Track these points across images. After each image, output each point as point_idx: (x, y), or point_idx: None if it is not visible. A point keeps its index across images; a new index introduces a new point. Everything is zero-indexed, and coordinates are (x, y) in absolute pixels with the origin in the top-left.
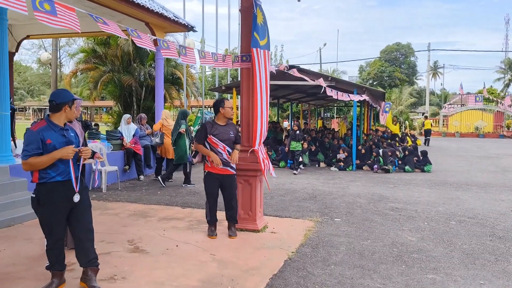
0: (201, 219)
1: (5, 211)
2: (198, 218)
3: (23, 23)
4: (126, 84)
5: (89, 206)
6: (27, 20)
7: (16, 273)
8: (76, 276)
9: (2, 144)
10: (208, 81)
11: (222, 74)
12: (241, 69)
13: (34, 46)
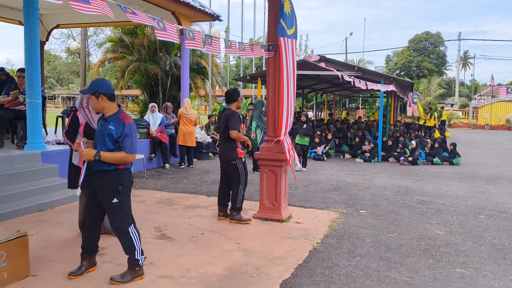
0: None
1: (37, 196)
2: None
3: (53, 13)
4: (152, 73)
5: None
6: (57, 9)
7: (48, 256)
8: (106, 260)
9: (35, 131)
10: (233, 71)
11: (247, 63)
12: (268, 59)
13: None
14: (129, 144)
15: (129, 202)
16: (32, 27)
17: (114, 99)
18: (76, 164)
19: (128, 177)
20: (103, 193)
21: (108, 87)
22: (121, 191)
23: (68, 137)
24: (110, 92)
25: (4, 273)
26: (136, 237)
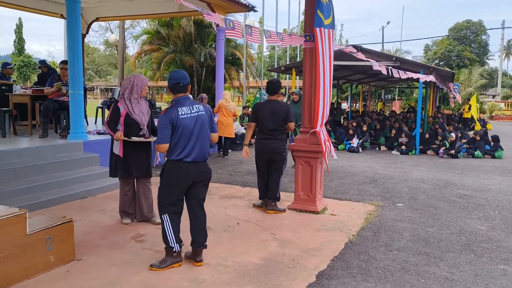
0: None
1: (80, 183)
2: (258, 198)
3: (93, 6)
4: (187, 64)
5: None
6: (97, 2)
7: (92, 241)
8: (146, 247)
9: (77, 121)
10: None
11: (280, 54)
12: (304, 49)
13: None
14: (157, 134)
15: (166, 192)
16: (74, 20)
17: (174, 91)
18: (117, 153)
19: (170, 168)
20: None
21: (168, 80)
22: (161, 178)
23: (110, 127)
24: (169, 84)
25: (51, 257)
26: (167, 225)
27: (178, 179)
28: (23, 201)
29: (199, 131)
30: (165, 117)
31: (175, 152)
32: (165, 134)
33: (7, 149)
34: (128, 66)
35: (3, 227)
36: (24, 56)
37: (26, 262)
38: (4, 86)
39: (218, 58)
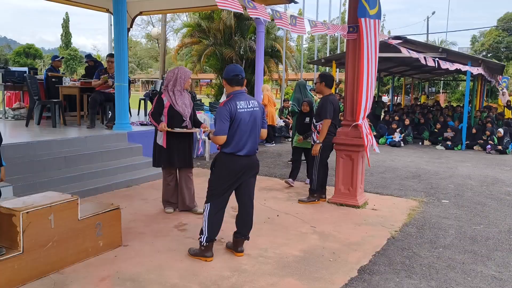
0: (300, 191)
1: (124, 173)
2: (297, 190)
3: (136, 0)
4: (227, 57)
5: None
6: None
7: (137, 228)
8: (189, 236)
9: (122, 113)
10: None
11: (319, 46)
12: (347, 41)
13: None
14: (215, 126)
15: (217, 184)
16: (120, 14)
17: (232, 83)
18: (160, 144)
19: (223, 161)
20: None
21: (226, 72)
22: (213, 169)
23: (154, 118)
24: (226, 76)
25: (100, 242)
26: (206, 214)
27: (230, 171)
28: (72, 188)
29: (253, 126)
30: (225, 110)
31: (230, 145)
32: (224, 126)
33: (58, 138)
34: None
35: (57, 212)
36: (70, 49)
37: (78, 246)
38: (54, 78)
39: (258, 51)
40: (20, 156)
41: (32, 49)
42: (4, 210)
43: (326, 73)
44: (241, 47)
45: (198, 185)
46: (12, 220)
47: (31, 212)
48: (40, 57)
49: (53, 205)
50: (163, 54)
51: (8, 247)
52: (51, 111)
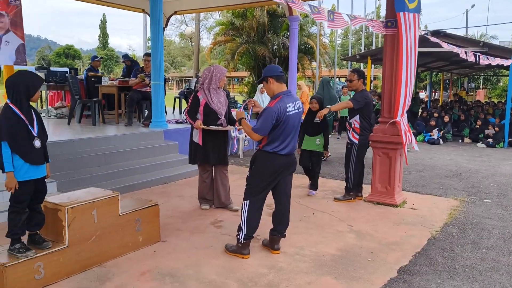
0: (335, 189)
1: (161, 170)
2: (333, 189)
3: (172, 0)
4: (260, 54)
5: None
6: None
7: (174, 224)
8: (225, 233)
9: (158, 111)
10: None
11: (353, 42)
12: (385, 36)
13: (176, 21)
14: (257, 123)
15: (256, 182)
16: (156, 15)
17: (280, 79)
18: (196, 141)
19: (264, 159)
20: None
21: (272, 70)
22: (252, 168)
23: (190, 116)
24: (275, 73)
25: (140, 237)
26: (245, 211)
27: (270, 169)
28: (112, 185)
29: (296, 127)
30: (273, 112)
31: (273, 145)
32: (267, 126)
33: (98, 136)
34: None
35: (100, 207)
36: (107, 49)
37: (119, 240)
38: (94, 78)
39: (291, 48)
40: (63, 153)
41: (71, 50)
42: (50, 205)
43: (360, 70)
44: (274, 44)
45: (232, 182)
46: (58, 214)
47: (76, 207)
48: (79, 58)
49: (95, 200)
50: (197, 52)
51: (54, 241)
52: (91, 109)
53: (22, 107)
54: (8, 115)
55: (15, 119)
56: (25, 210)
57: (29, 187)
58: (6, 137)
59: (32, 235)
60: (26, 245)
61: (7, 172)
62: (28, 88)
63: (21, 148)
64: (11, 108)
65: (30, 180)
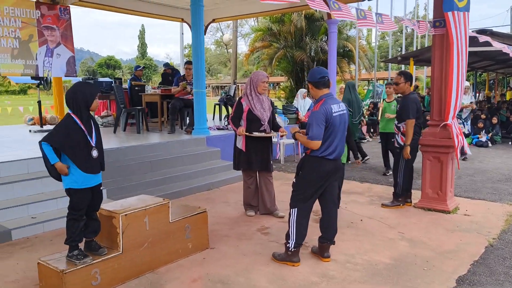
0: (382, 195)
1: (204, 176)
2: (379, 194)
3: (210, 8)
4: (298, 59)
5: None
6: (213, 4)
7: (221, 231)
8: (272, 240)
9: (200, 118)
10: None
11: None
12: (433, 36)
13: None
14: (309, 130)
15: (304, 188)
16: (197, 23)
17: (319, 86)
18: (239, 147)
19: (312, 165)
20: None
21: (312, 75)
22: (299, 174)
23: (233, 122)
24: (314, 79)
25: (189, 244)
26: (293, 220)
27: (319, 175)
28: (158, 191)
29: (343, 130)
30: (321, 114)
31: (321, 149)
32: (320, 130)
33: (144, 144)
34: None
35: (151, 214)
36: (146, 59)
37: (169, 247)
38: (137, 86)
39: (330, 51)
40: (111, 161)
41: (112, 60)
42: (105, 212)
43: (407, 71)
44: (312, 48)
45: (275, 188)
46: (112, 222)
47: (129, 214)
48: (119, 68)
49: (147, 208)
50: (234, 59)
51: (108, 247)
52: (136, 118)
53: (82, 117)
54: (67, 123)
55: (75, 128)
56: (82, 217)
57: (86, 195)
58: (55, 143)
59: (88, 242)
60: (83, 252)
61: (54, 164)
62: (86, 98)
63: (79, 158)
64: (72, 117)
65: (86, 188)
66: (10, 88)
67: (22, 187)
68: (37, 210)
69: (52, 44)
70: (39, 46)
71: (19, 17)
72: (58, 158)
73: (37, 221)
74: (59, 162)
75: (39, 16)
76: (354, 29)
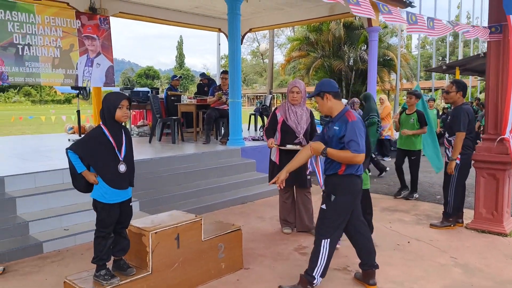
0: (429, 213)
1: (239, 189)
2: (426, 212)
3: (247, 18)
4: (336, 69)
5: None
6: (250, 14)
7: (256, 249)
8: None
9: (235, 128)
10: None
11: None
12: (488, 43)
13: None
14: (353, 144)
15: (339, 214)
16: (234, 32)
17: (338, 96)
18: (273, 160)
19: (346, 185)
20: (322, 195)
21: (331, 85)
22: (332, 199)
23: (266, 134)
24: (334, 90)
25: (222, 264)
26: (324, 252)
27: (354, 196)
28: (191, 204)
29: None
30: (362, 124)
31: (357, 165)
32: (363, 142)
33: (178, 154)
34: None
35: (183, 232)
36: (184, 69)
37: (201, 267)
38: (173, 96)
39: (370, 60)
40: (144, 172)
41: (151, 71)
42: (134, 229)
43: (461, 81)
44: (350, 57)
45: (313, 204)
46: (142, 240)
47: (159, 232)
48: (158, 78)
49: (179, 225)
50: (270, 69)
51: (137, 267)
52: (171, 128)
53: (111, 127)
54: (95, 134)
55: (102, 139)
56: (110, 235)
57: (114, 210)
58: (80, 152)
59: (117, 260)
60: (111, 272)
61: (82, 172)
62: (109, 108)
63: (105, 171)
64: (101, 128)
65: (114, 203)
66: (55, 97)
67: (56, 198)
68: (70, 221)
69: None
70: (79, 56)
71: (60, 26)
72: (86, 167)
73: (70, 233)
74: (86, 170)
75: (80, 25)
76: (395, 37)
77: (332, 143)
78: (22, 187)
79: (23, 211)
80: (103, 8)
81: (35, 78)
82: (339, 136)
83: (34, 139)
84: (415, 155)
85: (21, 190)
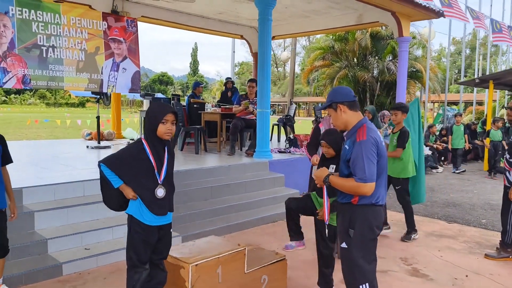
0: (479, 240)
1: (268, 205)
2: (475, 239)
3: None
4: (361, 79)
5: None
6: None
7: (297, 279)
8: None
9: (263, 140)
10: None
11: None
12: None
13: None
14: (359, 169)
15: (365, 254)
16: (265, 38)
17: (354, 107)
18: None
19: (367, 218)
20: (338, 229)
21: (345, 93)
22: (351, 234)
23: (308, 149)
24: (349, 99)
25: None
26: None
27: (375, 231)
28: (220, 222)
29: (386, 163)
30: (372, 144)
31: (374, 192)
32: (373, 168)
33: (204, 167)
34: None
35: (225, 264)
36: (198, 76)
37: None
38: (196, 104)
39: (399, 72)
40: None
41: (165, 77)
42: (171, 260)
43: None
44: (376, 68)
45: None
46: (180, 272)
47: (200, 264)
48: (171, 84)
49: (220, 256)
50: (292, 78)
51: None
52: (195, 137)
53: (152, 144)
54: (134, 149)
55: (141, 156)
56: (146, 266)
57: (152, 234)
58: (114, 168)
59: None
60: None
61: (119, 186)
62: (150, 121)
63: (141, 193)
64: (142, 143)
65: (153, 225)
66: (70, 100)
67: (77, 213)
68: (91, 240)
69: (118, 58)
70: (105, 59)
71: (86, 28)
72: (122, 181)
73: (91, 253)
74: (124, 184)
75: (106, 27)
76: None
77: (343, 167)
78: (41, 199)
79: (41, 226)
80: (125, 11)
81: (58, 82)
82: (347, 158)
83: (50, 144)
84: (399, 185)
85: (40, 204)
